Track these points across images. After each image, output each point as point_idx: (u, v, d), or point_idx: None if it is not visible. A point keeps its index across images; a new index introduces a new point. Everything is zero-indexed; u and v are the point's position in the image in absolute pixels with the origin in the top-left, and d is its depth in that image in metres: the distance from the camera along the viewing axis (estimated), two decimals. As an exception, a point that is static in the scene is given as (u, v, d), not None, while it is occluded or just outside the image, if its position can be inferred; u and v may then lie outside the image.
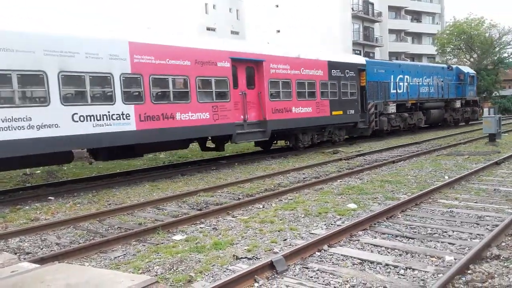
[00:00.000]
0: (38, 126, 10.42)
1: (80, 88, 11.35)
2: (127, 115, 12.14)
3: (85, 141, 11.45)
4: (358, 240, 6.59)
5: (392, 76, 24.56)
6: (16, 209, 9.90)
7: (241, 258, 6.00)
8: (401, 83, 25.29)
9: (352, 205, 8.76)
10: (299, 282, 5.09)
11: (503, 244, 6.16)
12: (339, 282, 5.06)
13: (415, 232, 6.90)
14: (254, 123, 16.16)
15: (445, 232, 6.81)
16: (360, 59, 22.83)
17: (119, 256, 6.43)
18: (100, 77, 11.64)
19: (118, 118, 11.93)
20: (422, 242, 6.41)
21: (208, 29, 51.55)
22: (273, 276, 5.27)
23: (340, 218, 7.87)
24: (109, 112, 11.75)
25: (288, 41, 43.53)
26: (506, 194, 9.16)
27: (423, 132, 26.47)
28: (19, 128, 10.13)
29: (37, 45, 10.47)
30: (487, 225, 7.05)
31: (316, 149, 19.71)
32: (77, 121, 11.14)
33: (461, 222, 7.31)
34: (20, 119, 10.12)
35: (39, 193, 11.52)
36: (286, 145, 20.06)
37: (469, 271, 5.21)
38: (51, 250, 6.85)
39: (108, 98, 11.82)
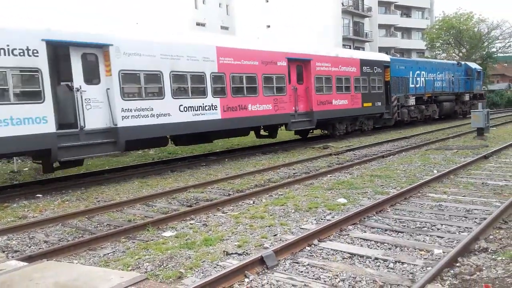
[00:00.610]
0: (157, 115, 13.17)
1: (184, 84, 14.05)
2: (215, 107, 14.88)
3: (187, 127, 14.14)
4: (348, 234, 6.62)
5: (411, 72, 26.86)
6: (3, 207, 9.79)
7: (232, 254, 6.00)
8: (418, 78, 27.61)
9: (342, 200, 8.79)
10: (290, 277, 5.10)
11: (491, 237, 6.22)
12: (329, 276, 5.08)
13: (404, 226, 6.94)
14: (303, 114, 18.83)
15: (434, 225, 6.86)
16: (386, 57, 25.37)
17: (108, 253, 6.39)
18: (197, 75, 14.32)
19: (209, 109, 14.69)
20: (411, 235, 6.45)
21: (198, 24, 51.28)
22: (263, 271, 5.27)
23: (330, 213, 7.90)
24: (203, 104, 14.49)
25: (279, 36, 43.45)
26: (494, 188, 9.25)
27: (412, 127, 26.65)
28: (145, 116, 12.90)
29: (156, 51, 13.19)
30: (475, 218, 7.12)
31: (306, 144, 19.78)
32: (182, 111, 13.90)
33: (450, 215, 7.37)
34: (145, 109, 12.87)
35: (26, 191, 11.39)
36: (323, 133, 22.53)
37: (457, 264, 5.26)
38: (40, 248, 6.78)
39: (202, 93, 14.51)
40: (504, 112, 36.56)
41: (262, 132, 19.13)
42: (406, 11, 66.60)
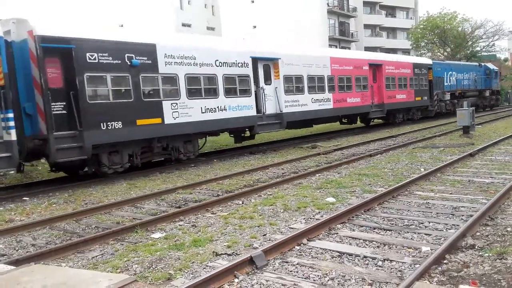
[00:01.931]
0: (301, 105, 19.11)
1: (313, 84, 19.92)
2: (329, 99, 20.94)
3: (315, 114, 20.14)
4: (337, 233, 6.65)
5: (445, 72, 32.55)
6: (-11, 211, 9.66)
7: (221, 254, 5.99)
8: (451, 78, 33.28)
9: (331, 199, 8.83)
10: (279, 277, 5.11)
11: (478, 233, 6.30)
12: (318, 275, 5.10)
13: (392, 224, 7.00)
14: (377, 105, 24.76)
15: (422, 223, 6.92)
16: (429, 61, 32.19)
17: (97, 256, 6.34)
18: (320, 77, 20.36)
19: (326, 101, 20.74)
20: (399, 233, 6.51)
21: (183, 25, 51.10)
22: (253, 271, 5.28)
23: (319, 212, 7.93)
24: (323, 97, 20.55)
25: (264, 36, 43.51)
26: (480, 185, 9.36)
27: (400, 126, 26.90)
28: (296, 105, 18.85)
29: (300, 61, 19.20)
30: (462, 215, 7.20)
31: (294, 144, 19.85)
32: (313, 102, 19.97)
33: (437, 213, 7.45)
34: (295, 101, 18.87)
35: (13, 194, 11.26)
36: (384, 121, 27.74)
37: (445, 261, 5.31)
38: (27, 252, 6.72)
39: (322, 89, 20.52)
40: (488, 111, 37.22)
41: (343, 120, 24.65)
42: (391, 11, 67.15)
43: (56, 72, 11.70)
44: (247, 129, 17.67)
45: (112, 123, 12.46)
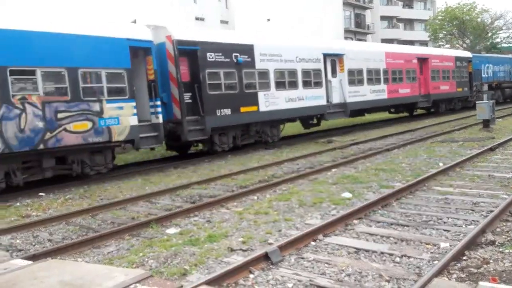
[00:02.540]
0: (361, 95, 21.43)
1: (371, 76, 22.23)
2: (384, 90, 23.15)
3: (373, 103, 22.64)
4: (353, 229, 6.57)
5: (482, 65, 34.42)
6: (6, 206, 9.79)
7: (236, 250, 5.96)
8: (487, 70, 35.10)
9: (347, 194, 8.74)
10: (295, 273, 5.06)
11: (498, 229, 6.17)
12: (334, 271, 5.03)
13: (410, 219, 6.89)
14: (424, 96, 26.91)
15: (440, 219, 6.80)
16: (468, 54, 33.79)
17: (112, 251, 6.37)
18: (376, 70, 22.62)
19: (382, 91, 23.09)
20: (417, 229, 6.40)
21: (197, 18, 51.05)
22: (268, 267, 5.24)
23: (335, 208, 7.85)
24: (379, 88, 22.81)
25: (279, 30, 43.26)
26: (501, 180, 9.17)
27: (418, 120, 26.56)
28: (357, 95, 21.18)
29: (362, 56, 21.61)
30: (482, 211, 7.05)
31: (310, 139, 19.72)
32: (371, 93, 22.29)
33: (456, 208, 7.31)
34: (356, 91, 21.15)
35: (29, 190, 11.38)
36: (426, 111, 29.56)
37: (464, 257, 5.21)
38: (44, 247, 6.78)
39: (378, 81, 22.79)
40: (510, 103, 36.53)
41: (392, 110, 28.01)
42: (408, 2, 66.18)
43: (185, 69, 14.53)
44: (316, 117, 20.41)
45: (224, 110, 15.37)
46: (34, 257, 5.78)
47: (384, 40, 53.63)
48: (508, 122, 21.64)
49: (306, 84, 18.58)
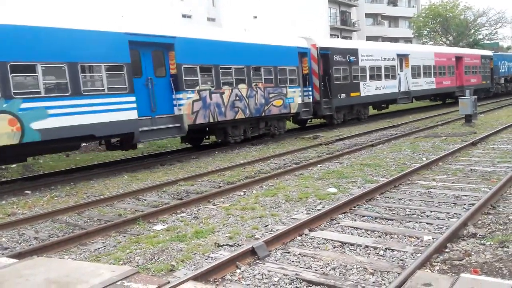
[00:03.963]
0: (420, 85, 27.95)
1: (426, 71, 28.79)
2: (433, 82, 29.66)
3: (425, 92, 28.99)
4: (339, 223, 6.66)
5: (499, 62, 41.18)
6: (-8, 205, 9.68)
7: (223, 245, 6.00)
8: (503, 66, 42.00)
9: (332, 189, 8.83)
10: (281, 267, 5.12)
11: (480, 222, 6.30)
12: (320, 265, 5.11)
13: (394, 213, 7.00)
14: (459, 87, 32.40)
15: (423, 212, 6.92)
16: (490, 53, 40.62)
17: (99, 248, 6.37)
18: (428, 66, 29.06)
19: (432, 83, 29.59)
20: (401, 223, 6.51)
21: (184, 16, 50.78)
22: (255, 262, 5.29)
23: (321, 203, 7.93)
24: (430, 80, 29.29)
25: (265, 27, 43.23)
26: (482, 174, 9.35)
27: (402, 115, 26.85)
28: (417, 85, 27.71)
29: (420, 56, 28.13)
30: (464, 204, 7.19)
31: (296, 135, 19.82)
32: (425, 84, 28.84)
33: (439, 202, 7.44)
34: (416, 83, 27.62)
35: (15, 188, 11.29)
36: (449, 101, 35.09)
37: (446, 250, 5.32)
38: (30, 245, 6.74)
39: (430, 75, 29.19)
40: (492, 99, 37.15)
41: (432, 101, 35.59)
42: (393, -1, 66.66)
43: (321, 66, 20.64)
44: (388, 102, 27.03)
45: (342, 94, 21.76)
46: (20, 255, 5.75)
47: (369, 38, 53.97)
48: (489, 117, 21.99)
49: (386, 76, 25.07)
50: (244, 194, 9.06)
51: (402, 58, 26.65)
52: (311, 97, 20.23)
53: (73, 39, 11.37)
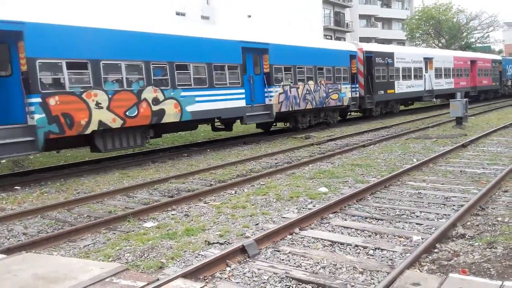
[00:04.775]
0: (441, 85, 31.71)
1: (447, 73, 32.49)
2: (452, 82, 32.66)
3: (447, 91, 31.51)
4: (329, 222, 6.68)
5: (507, 65, 44.79)
6: (-20, 200, 9.60)
7: (213, 243, 6.00)
8: (510, 69, 45.10)
9: (323, 189, 8.85)
10: (271, 265, 5.13)
11: (468, 223, 6.35)
12: (310, 264, 5.12)
13: (384, 213, 7.03)
14: (473, 87, 36.43)
15: (413, 213, 6.97)
16: (499, 57, 44.74)
17: (88, 245, 6.34)
18: (448, 68, 32.44)
19: (451, 83, 32.79)
20: (390, 223, 6.54)
21: (177, 14, 50.58)
22: (245, 260, 5.30)
23: (312, 202, 7.95)
24: (449, 81, 32.48)
25: (259, 26, 43.22)
26: (472, 176, 9.42)
27: (394, 117, 26.97)
28: (439, 85, 31.43)
29: (444, 59, 32.30)
30: (453, 205, 7.25)
31: (288, 134, 19.85)
32: (446, 84, 32.19)
33: (429, 203, 7.49)
34: (439, 83, 31.37)
35: (4, 183, 11.19)
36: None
37: (435, 250, 5.36)
38: (18, 240, 6.69)
39: (449, 76, 32.75)
40: (482, 102, 37.52)
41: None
42: (386, 1, 66.97)
43: (365, 67, 24.06)
44: (415, 100, 31.14)
45: (381, 91, 25.30)
46: (9, 251, 5.72)
47: (363, 39, 54.13)
48: (480, 119, 22.16)
49: (415, 77, 28.41)
50: (235, 193, 9.06)
51: (427, 60, 30.07)
52: (357, 92, 23.75)
53: (210, 46, 15.33)
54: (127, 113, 12.80)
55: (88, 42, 11.92)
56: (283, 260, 5.30)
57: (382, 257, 5.26)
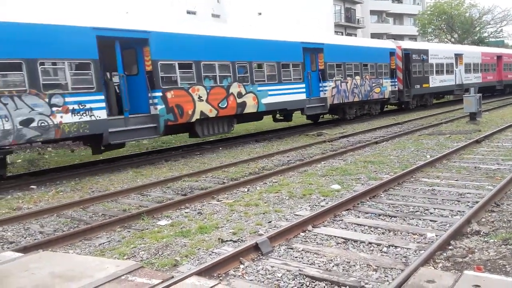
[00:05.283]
0: (469, 79, 33.16)
1: (475, 68, 34.39)
2: (480, 77, 34.88)
3: (473, 84, 28.63)
4: (342, 220, 6.67)
5: None
6: (-3, 199, 9.75)
7: (227, 241, 6.03)
8: None
9: (336, 186, 8.84)
10: (284, 263, 5.14)
11: (483, 220, 6.30)
12: (323, 261, 5.13)
13: (398, 210, 7.00)
14: (499, 81, 38.44)
15: (427, 209, 6.92)
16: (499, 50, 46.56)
17: (104, 243, 6.41)
18: (476, 64, 34.14)
19: (479, 78, 34.75)
20: (404, 220, 6.51)
21: (188, 12, 50.72)
22: (258, 258, 5.32)
23: (324, 199, 7.94)
24: (477, 75, 34.53)
25: (270, 24, 43.14)
26: (486, 171, 9.33)
27: (406, 113, 26.78)
28: (468, 79, 33.05)
29: (472, 56, 33.93)
30: (468, 202, 7.19)
31: (300, 132, 19.83)
32: (474, 78, 33.97)
33: (443, 199, 7.44)
34: (468, 77, 33.12)
35: (20, 182, 11.35)
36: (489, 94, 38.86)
37: (450, 247, 5.32)
38: (35, 239, 6.79)
39: (477, 71, 34.68)
40: (496, 97, 37.07)
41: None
42: (398, -4, 66.30)
43: (403, 63, 25.84)
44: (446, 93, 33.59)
45: (417, 85, 27.22)
46: (25, 249, 5.80)
47: (374, 35, 53.79)
48: (494, 115, 21.90)
49: (447, 72, 30.29)
50: (248, 191, 9.09)
51: (458, 56, 31.87)
52: (396, 86, 25.82)
53: (278, 47, 17.80)
54: (219, 104, 15.25)
55: (192, 46, 14.41)
56: (296, 257, 5.31)
57: (396, 254, 5.25)
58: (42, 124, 10.75)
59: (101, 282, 4.03)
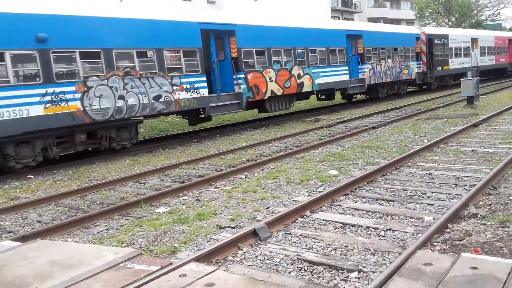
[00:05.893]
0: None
1: (487, 51, 36.34)
2: (493, 59, 37.30)
3: (488, 67, 36.59)
4: (340, 205, 6.68)
5: None
6: (-5, 189, 9.74)
7: (225, 227, 6.05)
8: None
9: (334, 172, 8.85)
10: (282, 248, 5.16)
11: (480, 203, 6.32)
12: (321, 246, 5.15)
13: (395, 195, 7.02)
14: (510, 63, 40.38)
15: (424, 193, 6.94)
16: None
17: (102, 231, 6.42)
18: (489, 47, 36.46)
19: (492, 60, 37.22)
20: (401, 204, 6.53)
21: (183, -1, 50.24)
22: (256, 243, 5.33)
23: (322, 185, 7.95)
24: (490, 58, 36.81)
25: (266, 8, 42.80)
26: (484, 155, 9.35)
27: (403, 97, 26.76)
28: (483, 62, 35.71)
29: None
30: (465, 185, 7.21)
31: (297, 118, 19.81)
32: (489, 61, 36.94)
33: (440, 183, 7.46)
34: (483, 60, 35.61)
35: (18, 172, 11.32)
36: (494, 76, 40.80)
37: (447, 230, 5.35)
38: (33, 228, 6.79)
39: (491, 54, 36.78)
40: (494, 80, 37.03)
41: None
42: (395, -20, 65.79)
43: (426, 47, 28.14)
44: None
45: (439, 67, 29.43)
46: (24, 238, 5.81)
47: (371, 19, 53.39)
48: (491, 98, 21.90)
49: (464, 55, 32.30)
50: (245, 177, 9.09)
51: (474, 40, 34.06)
52: (421, 68, 28.18)
53: (328, 34, 20.59)
54: (284, 84, 18.01)
55: (264, 35, 17.24)
56: (294, 242, 5.33)
57: (393, 238, 5.27)
58: (167, 99, 13.64)
59: (99, 269, 4.04)
